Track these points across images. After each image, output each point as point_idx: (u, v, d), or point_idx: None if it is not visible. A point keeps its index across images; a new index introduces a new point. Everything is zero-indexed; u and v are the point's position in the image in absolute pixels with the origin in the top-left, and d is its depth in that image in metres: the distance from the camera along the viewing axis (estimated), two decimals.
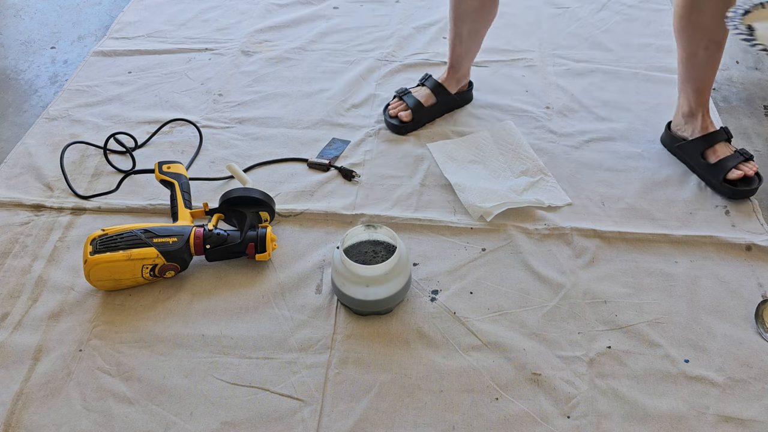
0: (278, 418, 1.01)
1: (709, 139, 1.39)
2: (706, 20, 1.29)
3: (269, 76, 1.71)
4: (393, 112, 1.53)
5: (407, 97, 1.54)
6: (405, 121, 1.51)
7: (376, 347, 1.10)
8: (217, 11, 1.97)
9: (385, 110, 1.56)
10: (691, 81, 1.39)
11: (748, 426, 1.00)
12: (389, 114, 1.54)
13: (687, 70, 1.39)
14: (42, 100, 1.67)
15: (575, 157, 1.47)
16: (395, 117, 1.52)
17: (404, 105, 1.53)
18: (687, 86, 1.40)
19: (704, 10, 1.28)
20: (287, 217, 1.33)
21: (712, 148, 1.39)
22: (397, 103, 1.55)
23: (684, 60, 1.38)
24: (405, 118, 1.51)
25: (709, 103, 1.42)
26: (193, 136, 1.53)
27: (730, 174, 1.35)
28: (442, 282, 1.21)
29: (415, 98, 1.53)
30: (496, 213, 1.31)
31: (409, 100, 1.53)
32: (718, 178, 1.36)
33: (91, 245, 1.14)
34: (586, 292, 1.19)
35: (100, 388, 1.04)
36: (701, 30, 1.32)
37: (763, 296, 1.18)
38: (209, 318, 1.15)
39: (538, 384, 1.05)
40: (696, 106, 1.40)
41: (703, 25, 1.30)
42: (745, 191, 1.34)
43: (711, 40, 1.32)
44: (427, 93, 1.54)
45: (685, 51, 1.37)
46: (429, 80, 1.56)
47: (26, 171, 1.43)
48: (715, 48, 1.33)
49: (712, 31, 1.30)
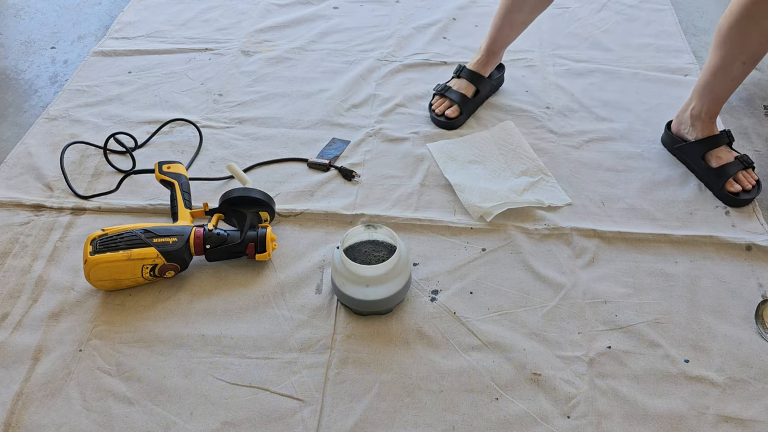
0: (278, 418, 1.01)
1: (711, 143, 1.39)
2: (756, 34, 1.25)
3: (269, 76, 1.71)
4: (439, 110, 1.55)
5: (450, 92, 1.56)
6: (452, 117, 1.53)
7: (376, 347, 1.10)
8: (217, 11, 1.97)
9: (430, 109, 1.57)
10: (714, 89, 1.36)
11: (748, 426, 1.00)
12: (435, 113, 1.55)
13: (715, 78, 1.35)
14: (42, 100, 1.67)
15: (575, 157, 1.47)
16: (442, 115, 1.54)
17: (448, 101, 1.55)
18: (707, 92, 1.38)
19: (759, 23, 1.23)
20: (287, 217, 1.33)
21: (714, 151, 1.38)
22: (441, 100, 1.56)
23: (715, 69, 1.34)
24: (452, 114, 1.53)
25: (720, 110, 1.41)
26: (193, 136, 1.53)
27: (728, 185, 1.35)
28: (442, 282, 1.21)
29: (457, 92, 1.55)
30: (496, 213, 1.31)
31: (453, 95, 1.55)
32: (718, 185, 1.36)
33: (91, 245, 1.14)
34: (586, 292, 1.19)
35: (100, 388, 1.04)
36: (746, 43, 1.27)
37: (763, 296, 1.18)
38: (209, 318, 1.15)
39: (538, 384, 1.05)
40: (708, 111, 1.39)
41: (750, 39, 1.26)
42: (743, 201, 1.34)
43: (751, 56, 1.29)
44: (466, 84, 1.56)
45: (721, 61, 1.32)
46: (464, 71, 1.58)
47: (26, 171, 1.43)
48: (751, 64, 1.30)
49: (756, 47, 1.27)
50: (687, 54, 1.79)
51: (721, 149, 1.38)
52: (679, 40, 1.84)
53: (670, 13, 1.97)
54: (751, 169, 1.37)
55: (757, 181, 1.36)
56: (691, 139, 1.41)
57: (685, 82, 1.69)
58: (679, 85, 1.68)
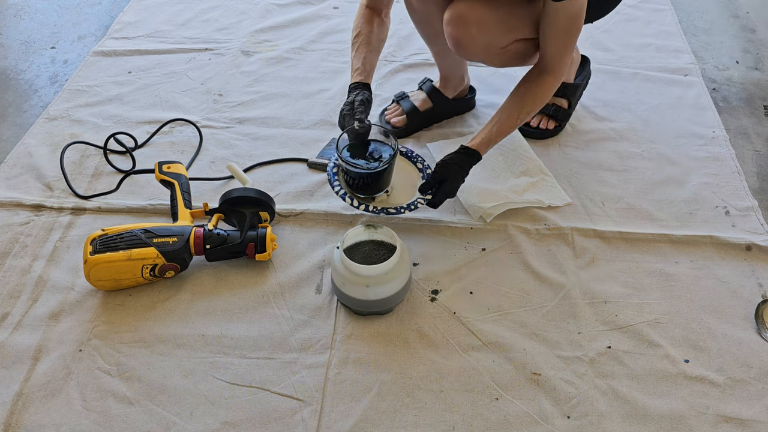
0: (278, 418, 1.01)
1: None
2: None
3: (269, 76, 1.71)
4: (387, 117, 1.53)
5: (404, 101, 1.53)
6: (396, 126, 1.51)
7: (376, 347, 1.10)
8: (217, 11, 1.97)
9: (381, 114, 1.56)
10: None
11: (748, 426, 1.00)
12: (384, 119, 1.54)
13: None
14: (42, 100, 1.67)
15: (575, 157, 1.47)
16: (388, 122, 1.52)
17: (400, 110, 1.53)
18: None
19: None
20: (287, 217, 1.33)
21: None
22: (394, 108, 1.54)
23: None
24: (396, 124, 1.51)
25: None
26: (193, 136, 1.53)
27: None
28: (442, 282, 1.21)
29: (411, 103, 1.52)
30: (496, 213, 1.31)
31: (405, 104, 1.52)
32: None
33: (91, 245, 1.14)
34: (586, 292, 1.19)
35: (100, 388, 1.04)
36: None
37: (763, 296, 1.18)
38: (209, 318, 1.15)
39: (538, 384, 1.05)
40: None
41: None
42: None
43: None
44: (423, 97, 1.53)
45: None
46: (426, 84, 1.55)
47: (26, 171, 1.43)
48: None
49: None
50: (687, 54, 1.79)
51: None
52: (679, 40, 1.84)
53: (670, 13, 1.97)
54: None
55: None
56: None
57: (685, 82, 1.69)
58: (679, 85, 1.68)
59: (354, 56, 1.32)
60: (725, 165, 1.45)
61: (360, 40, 1.31)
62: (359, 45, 1.31)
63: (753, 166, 1.47)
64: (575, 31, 1.21)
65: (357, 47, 1.32)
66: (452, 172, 1.21)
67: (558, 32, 1.20)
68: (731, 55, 1.83)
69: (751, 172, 1.45)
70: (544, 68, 1.24)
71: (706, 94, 1.65)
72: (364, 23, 1.32)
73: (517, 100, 1.25)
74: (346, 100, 1.26)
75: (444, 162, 1.22)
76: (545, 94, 1.26)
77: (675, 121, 1.57)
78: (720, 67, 1.77)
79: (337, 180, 1.24)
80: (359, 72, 1.29)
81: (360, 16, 1.34)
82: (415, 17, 1.40)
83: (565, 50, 1.23)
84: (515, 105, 1.25)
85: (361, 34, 1.32)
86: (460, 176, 1.22)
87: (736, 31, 1.93)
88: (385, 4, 1.35)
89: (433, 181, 1.21)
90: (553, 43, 1.21)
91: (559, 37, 1.21)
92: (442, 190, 1.21)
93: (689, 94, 1.65)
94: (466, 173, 1.23)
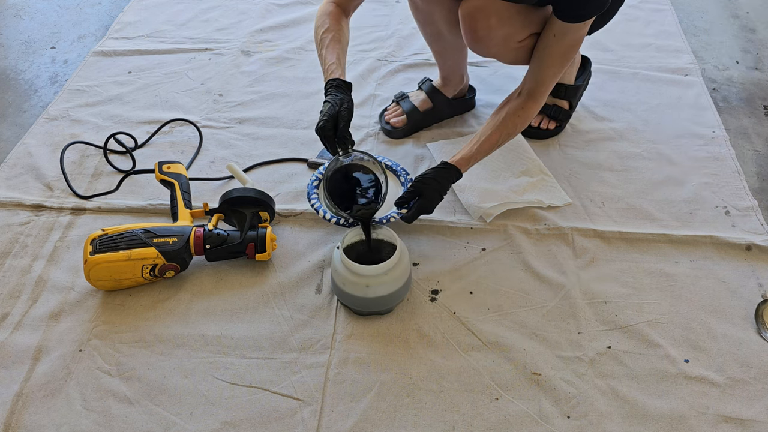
0: (278, 418, 1.01)
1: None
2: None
3: (269, 76, 1.71)
4: (387, 117, 1.53)
5: (404, 102, 1.53)
6: (396, 126, 1.51)
7: (376, 347, 1.10)
8: (217, 11, 1.97)
9: (381, 114, 1.56)
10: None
11: (748, 426, 1.00)
12: (384, 119, 1.54)
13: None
14: (42, 100, 1.67)
15: (575, 157, 1.47)
16: (388, 122, 1.52)
17: (400, 110, 1.53)
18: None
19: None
20: (287, 217, 1.33)
21: None
22: (394, 108, 1.54)
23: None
24: (396, 124, 1.51)
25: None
26: (193, 136, 1.53)
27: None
28: (442, 282, 1.21)
29: (411, 103, 1.52)
30: (496, 213, 1.31)
31: (405, 105, 1.52)
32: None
33: (91, 245, 1.14)
34: (586, 292, 1.19)
35: (100, 388, 1.04)
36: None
37: (763, 296, 1.18)
38: (209, 318, 1.15)
39: (538, 384, 1.05)
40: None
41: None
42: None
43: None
44: (423, 97, 1.53)
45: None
46: (425, 84, 1.55)
47: (26, 171, 1.43)
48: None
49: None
50: (687, 54, 1.79)
51: None
52: (679, 40, 1.84)
53: (670, 13, 1.97)
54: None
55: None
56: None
57: (685, 82, 1.69)
58: (679, 85, 1.68)
59: (325, 52, 1.24)
60: (725, 165, 1.45)
61: (330, 36, 1.25)
62: (330, 41, 1.25)
63: (753, 166, 1.47)
64: (569, 59, 1.21)
65: (327, 43, 1.25)
66: (429, 188, 1.18)
67: (555, 56, 1.20)
68: (731, 55, 1.83)
69: (751, 172, 1.45)
70: (529, 93, 1.23)
71: (706, 94, 1.65)
72: (332, 20, 1.27)
73: (499, 123, 1.24)
74: (324, 108, 1.16)
75: (423, 177, 1.19)
76: (526, 120, 1.25)
77: (675, 121, 1.57)
78: (720, 67, 1.77)
79: (315, 193, 1.26)
80: (335, 66, 1.22)
81: (326, 13, 1.28)
82: (419, 16, 1.40)
83: (553, 77, 1.22)
84: (496, 128, 1.23)
85: (330, 30, 1.25)
86: (437, 193, 1.19)
87: (736, 31, 1.93)
88: (354, 5, 1.32)
89: (409, 196, 1.19)
90: (547, 65, 1.21)
91: (555, 60, 1.20)
92: (418, 206, 1.18)
93: (689, 94, 1.65)
94: (444, 190, 1.20)
